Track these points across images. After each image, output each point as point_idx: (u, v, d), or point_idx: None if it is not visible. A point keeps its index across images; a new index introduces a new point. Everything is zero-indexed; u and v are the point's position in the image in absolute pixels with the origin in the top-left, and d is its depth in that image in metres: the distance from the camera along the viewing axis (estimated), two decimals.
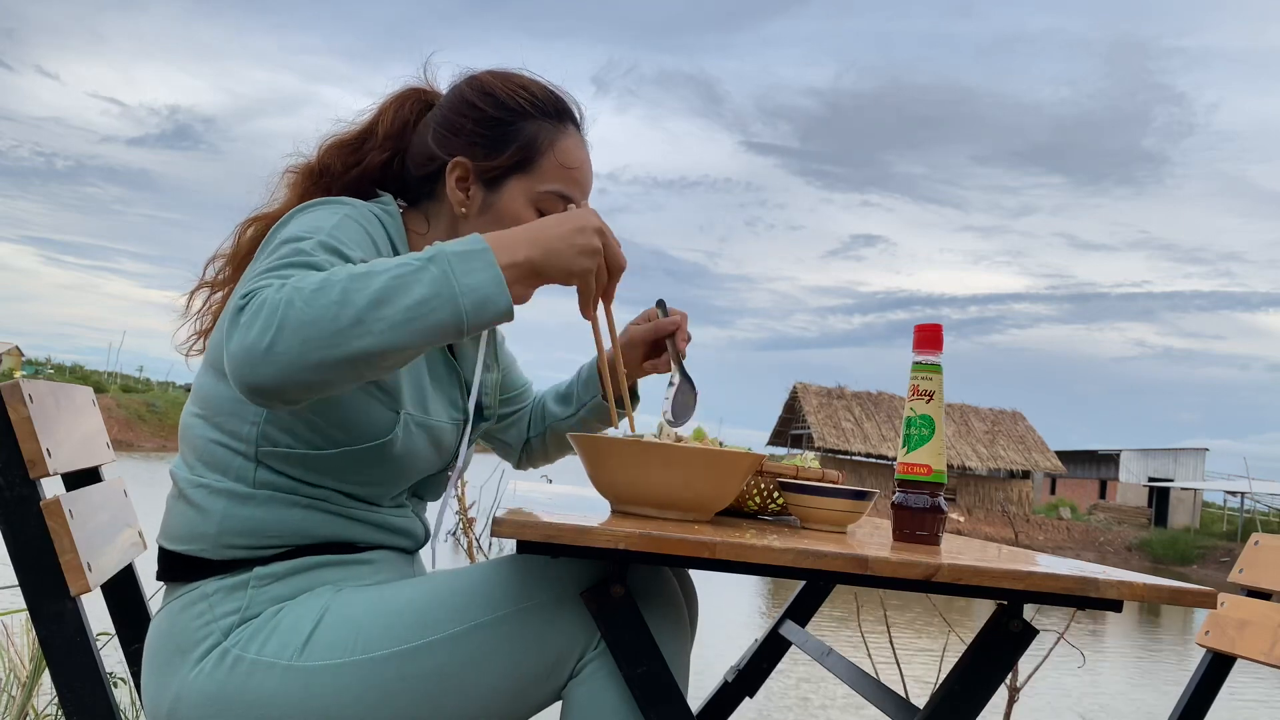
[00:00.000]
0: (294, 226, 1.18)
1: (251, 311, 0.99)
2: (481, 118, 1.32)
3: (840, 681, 1.65)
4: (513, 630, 1.15)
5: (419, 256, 1.04)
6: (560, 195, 1.32)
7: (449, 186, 1.32)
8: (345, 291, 0.99)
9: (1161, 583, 1.07)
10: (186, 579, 1.22)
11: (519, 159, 1.31)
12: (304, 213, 1.21)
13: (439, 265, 1.03)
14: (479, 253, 1.05)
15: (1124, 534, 32.21)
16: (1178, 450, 42.48)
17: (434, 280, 1.02)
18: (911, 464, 1.27)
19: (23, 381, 1.21)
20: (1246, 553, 1.68)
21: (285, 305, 0.98)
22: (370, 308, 0.99)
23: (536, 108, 1.33)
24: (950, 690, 1.13)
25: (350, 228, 1.19)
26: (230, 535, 1.20)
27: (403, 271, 1.01)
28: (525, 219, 1.30)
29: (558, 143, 1.33)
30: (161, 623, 1.23)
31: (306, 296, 0.98)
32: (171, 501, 1.26)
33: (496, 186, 1.31)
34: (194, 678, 1.17)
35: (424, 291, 1.01)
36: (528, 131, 1.32)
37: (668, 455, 1.17)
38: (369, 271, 1.01)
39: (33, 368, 43.39)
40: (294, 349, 0.97)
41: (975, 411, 37.75)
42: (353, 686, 1.14)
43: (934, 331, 1.29)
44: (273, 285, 1.01)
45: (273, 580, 1.21)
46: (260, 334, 0.97)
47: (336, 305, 0.98)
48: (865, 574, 1.02)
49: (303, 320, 0.97)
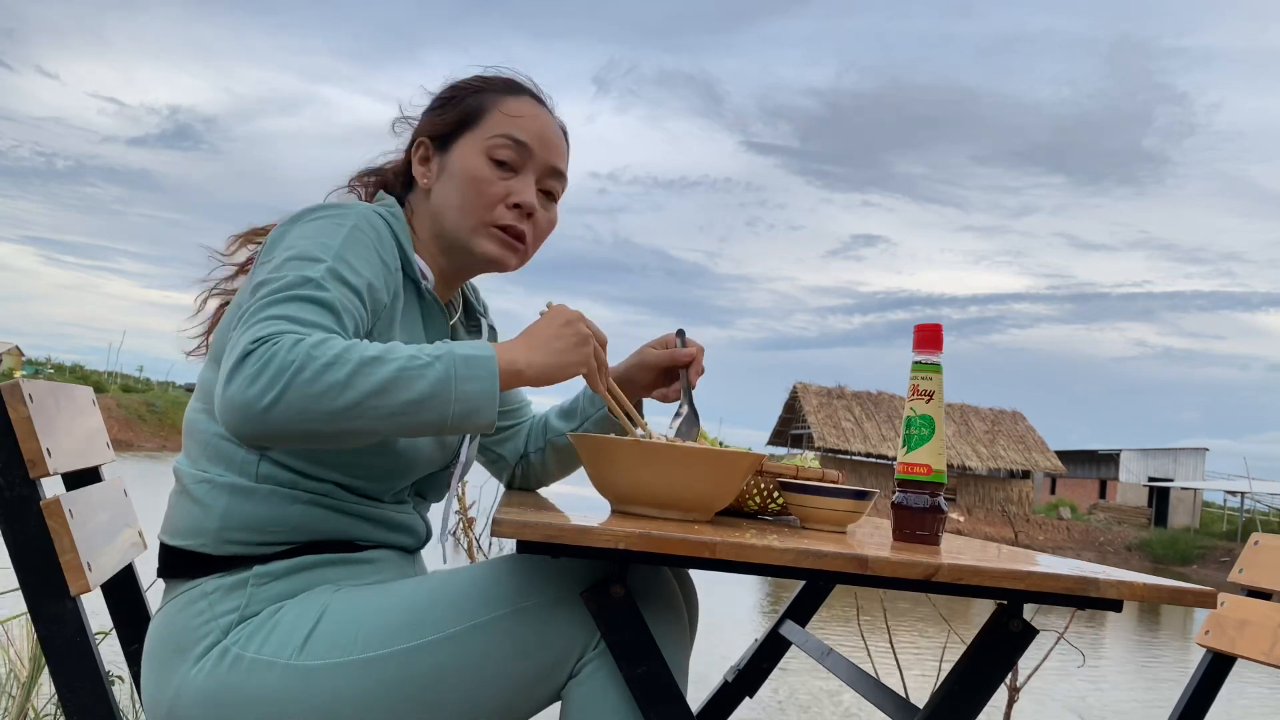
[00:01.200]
0: (300, 237, 1.19)
1: (258, 363, 1.01)
2: (438, 101, 1.42)
3: (840, 681, 1.65)
4: (512, 630, 1.15)
5: (431, 350, 1.09)
6: (509, 138, 1.36)
7: (415, 167, 1.40)
8: (353, 375, 1.03)
9: (1161, 583, 1.07)
10: (187, 576, 1.23)
11: (465, 117, 1.38)
12: (309, 220, 1.23)
13: (445, 365, 1.08)
14: (484, 360, 1.10)
15: (1124, 534, 32.21)
16: (1178, 450, 42.49)
17: (436, 381, 1.07)
18: (911, 464, 1.27)
19: (23, 381, 1.21)
20: (1246, 553, 1.68)
21: (294, 372, 1.01)
22: (370, 395, 1.03)
23: (488, 83, 1.41)
24: (950, 690, 1.13)
25: (357, 244, 1.22)
26: (231, 530, 1.21)
27: (412, 366, 1.06)
28: (474, 165, 1.35)
29: (504, 100, 1.39)
30: (161, 621, 1.23)
31: (317, 370, 1.02)
32: (174, 497, 1.27)
33: (448, 147, 1.38)
34: (194, 676, 1.17)
35: (424, 390, 1.06)
36: (474, 99, 1.39)
37: (668, 455, 1.17)
38: (381, 357, 1.05)
39: (33, 368, 43.40)
40: (289, 416, 1.01)
41: (975, 411, 37.76)
42: (352, 685, 1.14)
43: (934, 331, 1.29)
44: (285, 341, 1.03)
45: (272, 579, 1.21)
46: (261, 393, 1.00)
47: (341, 387, 1.02)
48: (865, 574, 1.02)
49: (306, 393, 1.01)
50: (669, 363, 1.48)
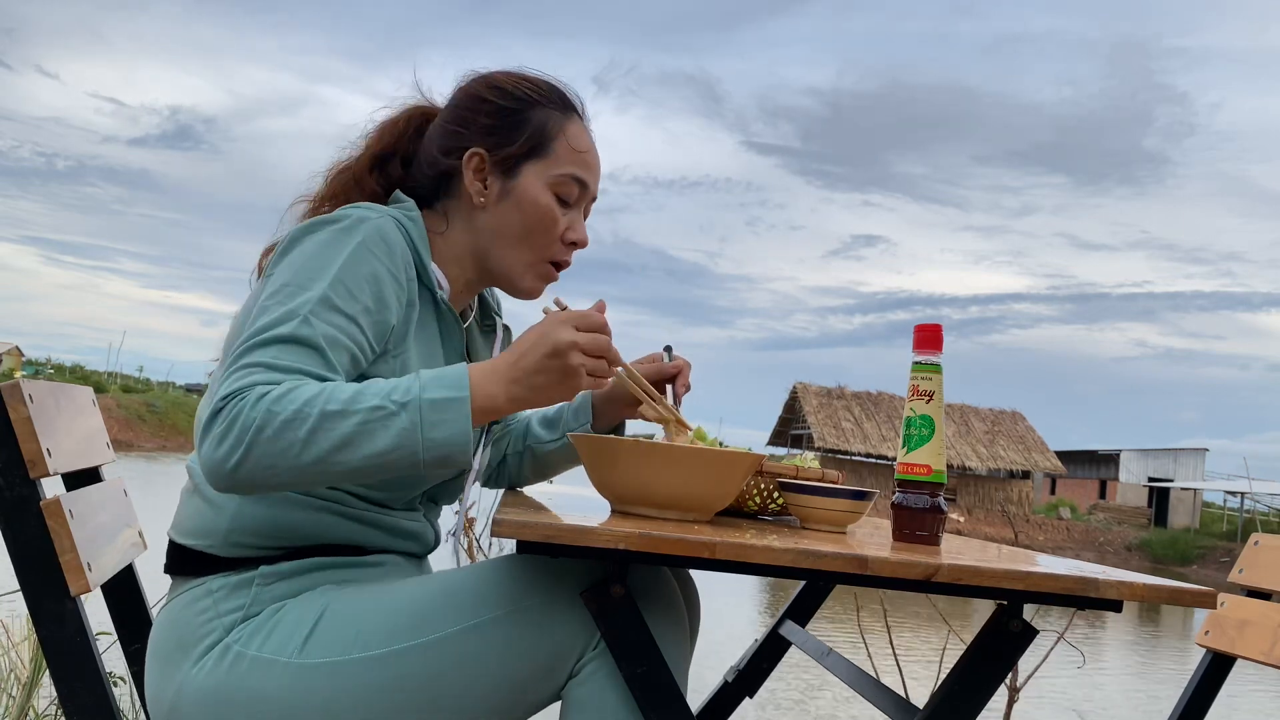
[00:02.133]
0: (300, 255, 1.18)
1: (224, 425, 1.04)
2: (493, 109, 1.35)
3: (840, 681, 1.65)
4: (512, 630, 1.15)
5: (396, 396, 1.07)
6: (575, 178, 1.35)
7: (467, 179, 1.34)
8: (313, 431, 1.03)
9: (1161, 583, 1.07)
10: (193, 574, 1.23)
11: (533, 145, 1.34)
12: (314, 234, 1.20)
13: (410, 414, 1.06)
14: (455, 403, 1.08)
15: (1124, 534, 32.21)
16: (1178, 450, 42.48)
17: (401, 433, 1.06)
18: (911, 464, 1.27)
19: (23, 381, 1.21)
20: (1246, 553, 1.68)
21: (255, 431, 1.03)
22: (332, 451, 1.04)
23: (544, 96, 1.37)
24: (950, 690, 1.13)
25: (361, 262, 1.19)
26: (240, 533, 1.21)
27: (373, 418, 1.05)
28: (543, 203, 1.33)
29: (567, 128, 1.36)
30: (166, 618, 1.23)
31: (277, 427, 1.03)
32: (186, 495, 1.27)
33: (513, 173, 1.34)
34: (195, 674, 1.17)
35: (387, 443, 1.05)
36: (538, 118, 1.35)
37: (668, 455, 1.17)
38: (344, 410, 1.04)
39: (33, 368, 43.40)
40: (256, 474, 1.04)
41: (975, 411, 37.75)
42: (352, 684, 1.14)
43: (934, 331, 1.29)
44: (249, 397, 1.04)
45: (278, 579, 1.22)
46: (228, 454, 1.03)
47: (302, 444, 1.03)
48: (865, 574, 1.02)
49: (267, 450, 1.03)
50: (656, 378, 1.47)
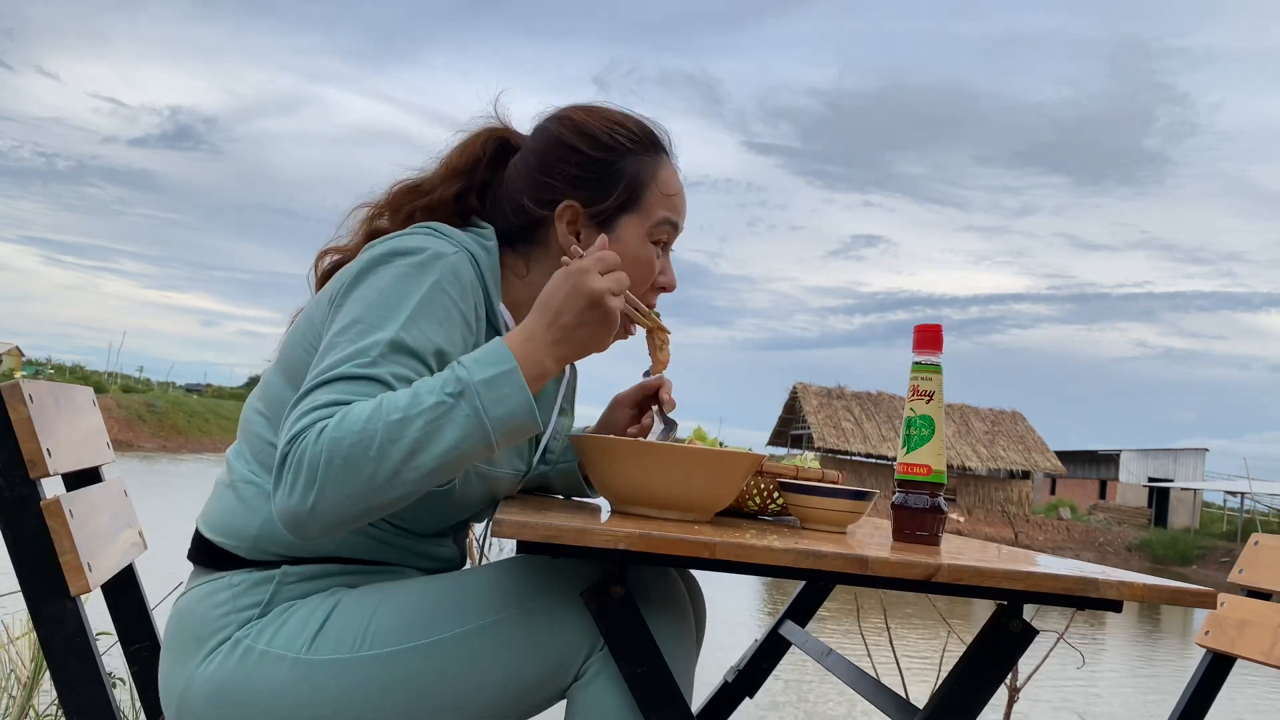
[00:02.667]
0: (374, 288, 1.15)
1: (292, 470, 1.03)
2: (584, 160, 1.33)
3: (840, 681, 1.65)
4: (519, 630, 1.15)
5: (449, 389, 1.06)
6: (669, 222, 1.35)
7: (560, 231, 1.32)
8: (382, 445, 1.02)
9: (1161, 583, 1.07)
10: (216, 567, 1.24)
11: (627, 197, 1.33)
12: (390, 266, 1.18)
13: (469, 401, 1.06)
14: (507, 375, 1.08)
15: (1124, 534, 32.21)
16: (1178, 450, 42.48)
17: (465, 420, 1.06)
18: (911, 464, 1.27)
19: (23, 381, 1.21)
20: (1246, 553, 1.68)
21: (325, 465, 1.02)
22: (405, 459, 1.03)
23: (635, 142, 1.35)
24: (950, 690, 1.13)
25: (435, 304, 1.16)
26: (268, 541, 1.22)
27: (436, 415, 1.04)
28: (644, 257, 1.33)
29: (659, 174, 1.35)
30: (183, 607, 1.24)
31: (345, 453, 1.02)
32: (221, 488, 1.28)
33: (610, 227, 1.33)
34: (205, 667, 1.18)
35: (456, 434, 1.05)
36: (631, 168, 1.33)
37: (668, 455, 1.17)
38: (404, 417, 1.03)
39: (33, 368, 43.41)
40: (335, 507, 1.03)
41: (975, 411, 37.76)
42: (359, 682, 1.14)
43: (934, 332, 1.29)
44: (310, 435, 1.03)
45: (299, 579, 1.22)
46: (302, 498, 1.02)
47: (374, 462, 1.02)
48: (865, 574, 1.02)
49: (342, 480, 1.02)
50: (639, 394, 1.48)
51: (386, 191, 1.38)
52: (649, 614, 1.14)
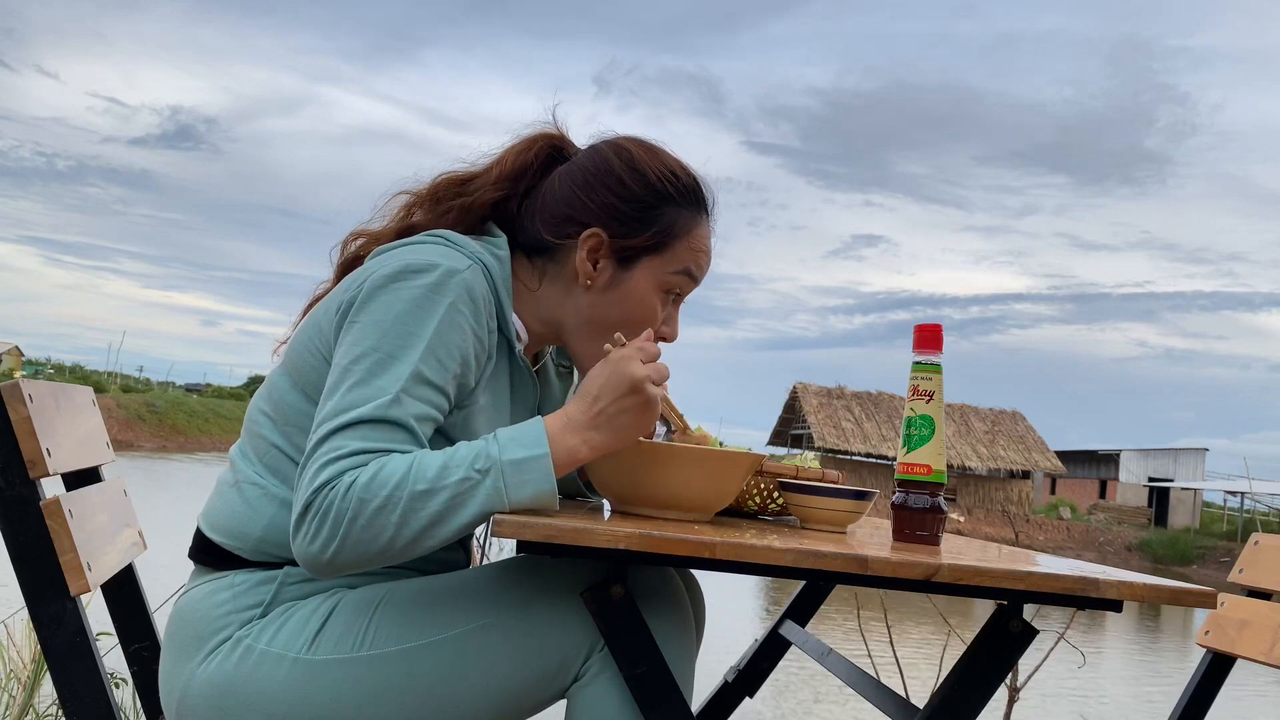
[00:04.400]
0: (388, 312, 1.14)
1: (316, 517, 1.06)
2: (628, 195, 1.31)
3: (840, 681, 1.65)
4: (521, 630, 1.15)
5: (479, 465, 1.07)
6: (687, 273, 1.34)
7: (580, 255, 1.30)
8: (405, 514, 1.05)
9: (1161, 583, 1.07)
10: (218, 567, 1.24)
11: (655, 242, 1.31)
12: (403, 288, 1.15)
13: (494, 479, 1.07)
14: (536, 461, 1.09)
15: (1124, 534, 32.20)
16: (1178, 450, 42.47)
17: (487, 499, 1.07)
18: (911, 464, 1.27)
19: (23, 381, 1.21)
20: (1246, 553, 1.68)
21: (349, 522, 1.05)
22: (425, 530, 1.06)
23: (681, 194, 1.33)
24: (950, 690, 1.13)
25: (452, 327, 1.16)
26: (270, 544, 1.22)
27: (461, 490, 1.07)
28: (650, 303, 1.32)
29: (694, 230, 1.33)
30: (184, 606, 1.23)
31: (369, 516, 1.05)
32: (225, 487, 1.27)
33: (629, 265, 1.31)
34: (205, 667, 1.18)
35: (476, 510, 1.07)
36: (669, 216, 1.31)
37: (668, 455, 1.17)
38: (430, 489, 1.06)
39: (33, 368, 43.41)
40: (353, 561, 1.07)
41: (975, 411, 37.75)
42: (359, 682, 1.14)
43: (934, 332, 1.29)
44: (339, 486, 1.06)
45: (301, 580, 1.22)
46: (323, 548, 1.06)
47: (395, 528, 1.05)
48: (865, 574, 1.02)
49: (361, 538, 1.05)
50: None
51: (431, 181, 1.36)
52: (649, 614, 1.14)
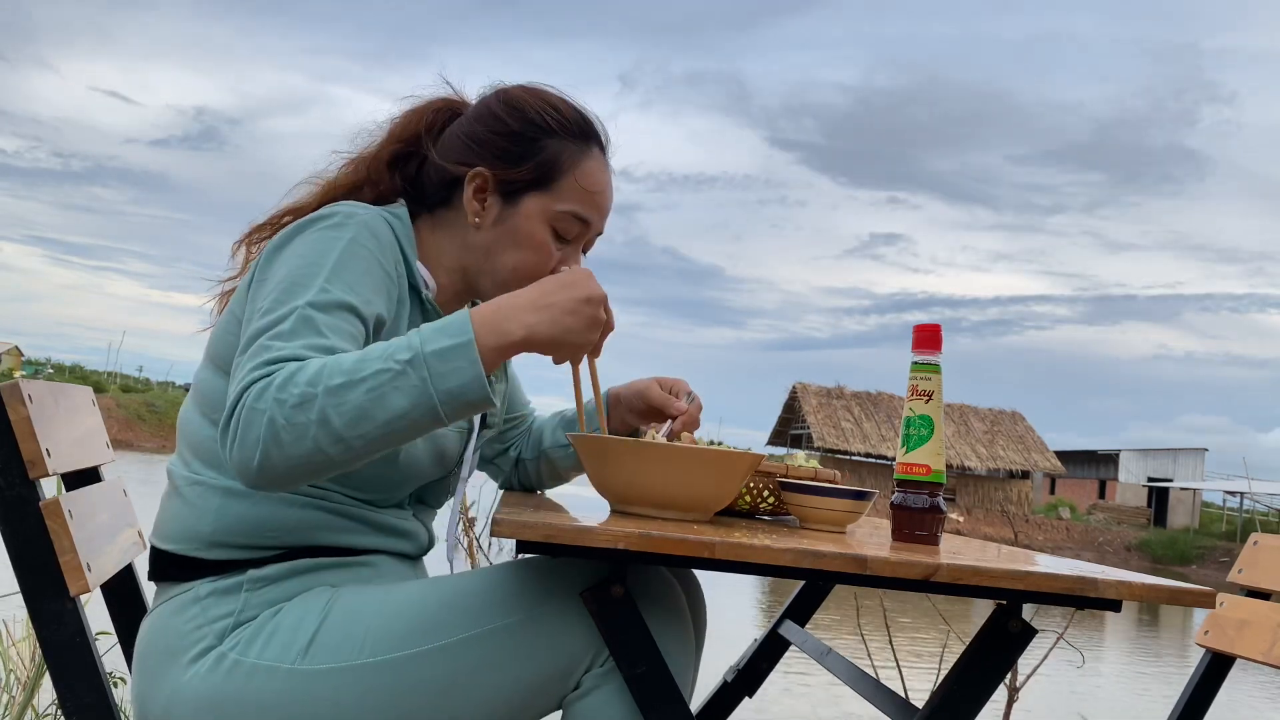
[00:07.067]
0: (293, 255, 1.16)
1: (237, 424, 1.02)
2: (506, 130, 1.31)
3: (839, 681, 1.65)
4: (524, 636, 1.13)
5: (399, 354, 1.03)
6: (577, 216, 1.32)
7: (466, 196, 1.31)
8: (324, 410, 1.00)
9: (1161, 583, 1.07)
10: (178, 579, 1.21)
11: (539, 175, 1.30)
12: (305, 234, 1.19)
13: (417, 370, 1.02)
14: (461, 348, 1.04)
15: (1123, 534, 32.20)
16: (1177, 450, 42.48)
17: (412, 390, 1.02)
18: (910, 464, 1.27)
19: (23, 381, 1.21)
20: (1246, 553, 1.69)
21: (267, 425, 1.00)
22: (349, 426, 1.01)
23: (563, 126, 1.32)
24: (950, 690, 1.13)
25: (355, 257, 1.17)
26: (224, 534, 1.20)
27: (380, 382, 1.02)
28: (539, 237, 1.30)
29: (580, 164, 1.32)
30: (152, 625, 1.21)
31: (287, 414, 1.00)
32: (166, 500, 1.26)
33: (514, 201, 1.31)
34: (189, 680, 1.15)
35: (402, 404, 1.02)
36: (551, 149, 1.31)
37: (667, 455, 1.17)
38: (346, 382, 1.01)
39: (33, 368, 43.40)
40: (282, 468, 1.01)
41: (975, 411, 37.75)
42: (359, 690, 1.12)
43: (933, 331, 1.29)
44: (253, 391, 1.02)
45: (267, 583, 1.20)
46: (249, 455, 1.01)
47: (317, 425, 1.00)
48: (864, 574, 1.02)
49: (285, 441, 1.00)
50: (661, 407, 1.45)
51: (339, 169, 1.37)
52: (649, 614, 1.14)
